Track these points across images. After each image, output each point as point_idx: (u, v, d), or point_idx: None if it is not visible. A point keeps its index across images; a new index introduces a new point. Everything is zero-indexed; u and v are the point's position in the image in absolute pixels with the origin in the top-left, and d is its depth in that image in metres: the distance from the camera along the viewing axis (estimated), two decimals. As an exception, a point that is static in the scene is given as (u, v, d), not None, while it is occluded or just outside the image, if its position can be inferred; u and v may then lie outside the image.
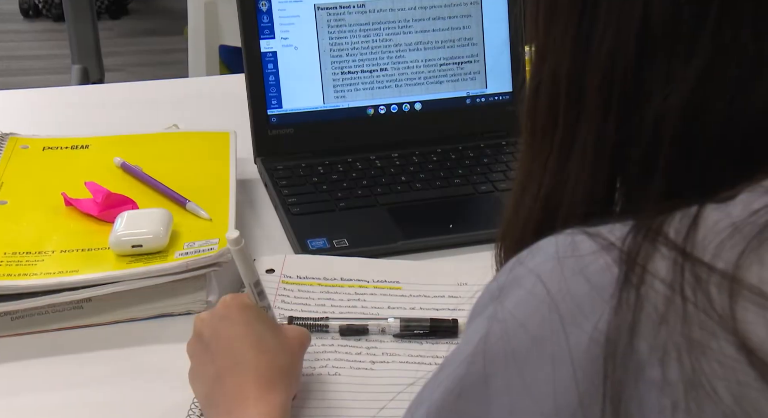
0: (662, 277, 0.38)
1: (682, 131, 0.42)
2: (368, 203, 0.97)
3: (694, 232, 0.39)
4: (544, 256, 0.41)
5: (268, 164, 1.03)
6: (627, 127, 0.44)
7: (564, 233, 0.41)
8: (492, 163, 1.05)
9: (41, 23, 3.77)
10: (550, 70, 0.46)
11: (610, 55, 0.43)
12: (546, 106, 0.47)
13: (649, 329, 0.37)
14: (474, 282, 0.86)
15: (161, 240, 0.81)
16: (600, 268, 0.39)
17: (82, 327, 0.79)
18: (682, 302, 0.37)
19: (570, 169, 0.46)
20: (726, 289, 0.37)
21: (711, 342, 0.36)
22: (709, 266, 0.37)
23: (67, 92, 1.36)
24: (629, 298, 0.37)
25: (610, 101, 0.44)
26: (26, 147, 1.00)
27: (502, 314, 0.41)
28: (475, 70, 1.09)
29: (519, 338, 0.39)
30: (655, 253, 0.38)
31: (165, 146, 1.02)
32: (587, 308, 0.38)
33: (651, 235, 0.39)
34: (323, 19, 1.04)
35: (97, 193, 0.88)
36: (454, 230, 0.93)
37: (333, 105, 1.06)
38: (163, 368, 0.76)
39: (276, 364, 0.66)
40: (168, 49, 3.46)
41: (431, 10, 1.06)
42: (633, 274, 0.38)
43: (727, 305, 0.36)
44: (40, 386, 0.74)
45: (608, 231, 0.40)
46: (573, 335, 0.38)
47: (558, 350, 0.38)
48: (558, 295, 0.39)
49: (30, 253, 0.81)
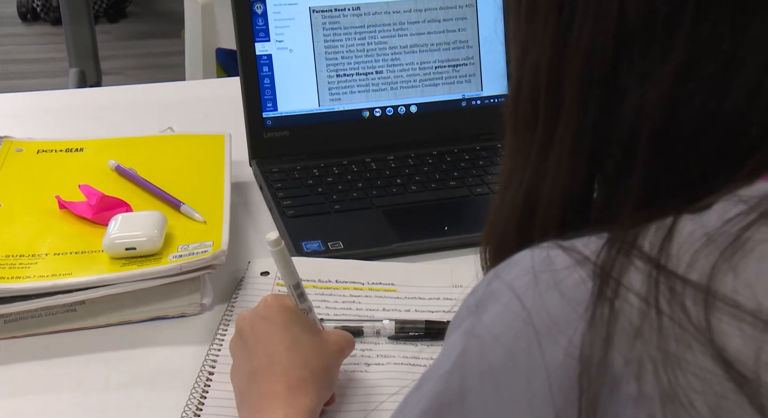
0: (637, 290, 0.38)
1: (659, 129, 0.42)
2: (363, 206, 0.97)
3: (668, 243, 0.39)
4: (520, 270, 0.41)
5: (264, 167, 1.02)
6: (605, 124, 0.44)
7: (540, 247, 0.41)
8: (487, 165, 1.05)
9: (39, 27, 3.77)
10: (531, 63, 0.46)
11: (588, 49, 0.43)
12: (527, 100, 0.47)
13: (624, 343, 0.37)
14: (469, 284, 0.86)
15: (155, 243, 0.81)
16: (574, 282, 0.39)
17: (75, 330, 0.79)
18: (657, 315, 0.37)
19: (549, 165, 0.46)
20: (701, 301, 0.37)
21: (687, 355, 0.36)
22: (683, 279, 0.37)
23: (63, 95, 1.36)
24: (603, 312, 0.37)
25: (588, 96, 0.44)
26: (21, 150, 1.00)
27: (479, 329, 0.41)
28: (470, 73, 1.09)
29: (495, 353, 0.39)
30: (629, 266, 0.38)
31: (160, 149, 1.02)
32: (562, 322, 0.38)
33: (625, 248, 0.39)
34: (318, 22, 1.04)
35: (91, 196, 0.88)
36: (449, 232, 0.93)
37: (328, 108, 1.06)
38: (156, 371, 0.75)
39: (309, 366, 0.65)
40: (166, 53, 3.46)
41: (426, 13, 1.06)
42: (607, 287, 0.38)
43: (702, 316, 0.36)
44: (34, 389, 0.74)
45: (583, 245, 0.40)
46: (548, 350, 0.38)
47: (533, 365, 0.38)
48: (533, 310, 0.39)
49: (23, 255, 0.81)
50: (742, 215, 0.39)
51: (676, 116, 0.42)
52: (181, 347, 0.78)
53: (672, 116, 0.42)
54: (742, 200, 0.40)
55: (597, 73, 0.43)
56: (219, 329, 0.79)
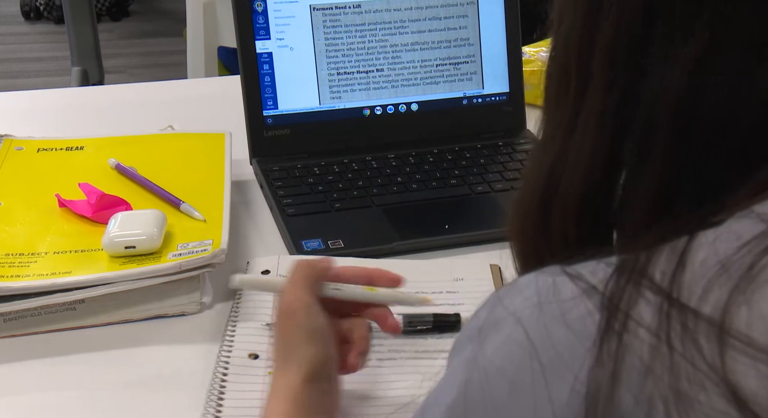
0: (647, 324, 0.36)
1: (678, 118, 0.40)
2: (364, 204, 0.97)
3: (681, 273, 0.37)
4: (524, 298, 0.39)
5: (264, 165, 1.02)
6: (628, 106, 0.42)
7: (545, 272, 0.40)
8: (488, 163, 1.04)
9: (42, 25, 3.77)
10: (564, 34, 0.45)
11: (615, 25, 0.42)
12: (558, 71, 0.45)
13: (633, 381, 0.35)
14: (471, 277, 0.86)
15: (155, 241, 0.81)
16: (581, 314, 0.37)
17: (75, 328, 0.79)
18: (669, 352, 0.35)
19: (574, 142, 0.44)
20: (714, 337, 0.35)
21: (700, 395, 0.34)
22: (695, 312, 0.36)
23: (64, 94, 1.36)
24: (611, 347, 0.36)
25: (614, 75, 0.42)
26: (21, 148, 1.00)
27: (482, 359, 0.39)
28: (471, 71, 1.09)
29: (499, 386, 0.38)
30: (639, 298, 0.37)
31: (160, 148, 1.01)
32: (568, 356, 0.37)
33: (635, 278, 0.37)
34: (319, 20, 1.04)
35: (91, 194, 0.88)
36: (450, 231, 0.93)
37: (329, 106, 1.05)
38: (156, 370, 0.75)
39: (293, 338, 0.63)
40: (168, 51, 3.46)
41: (427, 11, 1.06)
42: (615, 321, 0.36)
43: (716, 354, 0.35)
44: (33, 388, 0.74)
45: (590, 272, 0.39)
46: (554, 385, 0.37)
47: (539, 400, 0.37)
48: (538, 342, 0.37)
49: (23, 254, 0.81)
50: (758, 239, 0.37)
51: (696, 105, 0.40)
52: (181, 345, 0.78)
53: (692, 105, 0.40)
54: (759, 218, 0.38)
55: (623, 51, 0.42)
56: (227, 330, 0.78)
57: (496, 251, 0.89)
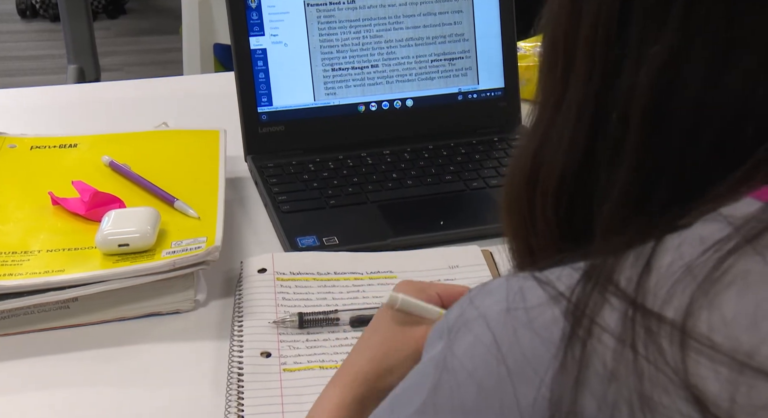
0: (612, 330, 0.36)
1: (650, 113, 0.40)
2: (359, 200, 0.96)
3: (646, 278, 0.37)
4: (493, 301, 0.40)
5: (259, 162, 1.02)
6: (605, 96, 0.42)
7: (515, 277, 0.40)
8: (483, 159, 1.04)
9: (38, 23, 3.76)
10: (553, 17, 0.45)
11: (593, 20, 0.42)
12: (547, 52, 0.45)
13: (597, 386, 0.36)
14: (465, 263, 0.86)
15: (148, 239, 0.81)
16: (548, 321, 0.37)
17: (68, 327, 0.78)
18: (633, 356, 0.35)
19: (555, 130, 0.44)
20: (677, 341, 0.35)
21: (663, 398, 0.35)
22: (658, 316, 0.36)
23: (58, 91, 1.36)
24: (575, 353, 0.36)
25: (593, 64, 0.42)
26: (14, 146, 0.99)
27: (451, 361, 0.40)
28: (466, 66, 1.08)
29: (467, 390, 0.38)
30: (604, 304, 0.37)
31: (154, 145, 1.01)
32: (535, 362, 0.37)
33: (601, 284, 0.37)
34: (313, 16, 1.03)
35: (85, 192, 0.87)
36: (444, 227, 0.93)
37: (323, 102, 1.05)
38: (151, 367, 0.75)
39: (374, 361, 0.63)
40: (165, 49, 3.46)
41: (422, 6, 1.06)
42: (580, 327, 0.36)
43: (678, 358, 0.35)
44: (27, 386, 0.73)
45: (557, 278, 0.39)
46: (521, 389, 0.37)
47: (506, 405, 0.37)
48: (506, 347, 0.38)
49: (16, 252, 0.80)
50: (723, 241, 0.37)
51: (665, 105, 0.40)
52: (175, 343, 0.77)
53: (662, 104, 0.40)
54: (726, 221, 0.38)
55: (602, 38, 0.42)
56: (234, 329, 0.78)
57: (492, 246, 0.88)
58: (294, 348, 0.75)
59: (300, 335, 0.77)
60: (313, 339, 0.77)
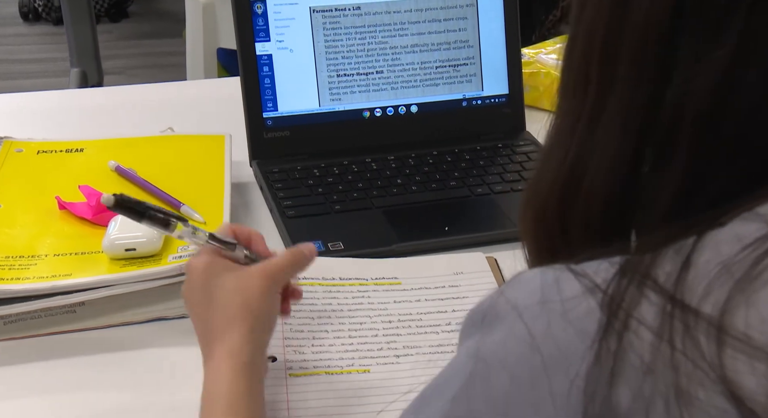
0: (649, 324, 0.36)
1: (705, 118, 0.40)
2: (364, 206, 0.97)
3: (685, 274, 0.37)
4: (527, 292, 0.40)
5: (264, 167, 1.02)
6: (656, 104, 0.41)
7: (550, 269, 0.40)
8: (488, 165, 1.05)
9: (41, 27, 3.77)
10: (586, 26, 0.44)
11: (644, 23, 0.41)
12: (579, 62, 0.45)
13: (633, 378, 0.36)
14: (469, 270, 0.86)
15: (155, 244, 0.81)
16: (583, 312, 0.38)
17: (75, 331, 0.79)
18: (670, 351, 0.36)
19: (597, 138, 0.44)
20: (713, 336, 0.36)
21: (699, 392, 0.35)
22: (696, 312, 0.36)
23: (64, 95, 1.36)
24: (610, 345, 0.36)
25: (641, 74, 0.42)
26: (21, 150, 1.00)
27: (485, 351, 0.40)
28: (471, 73, 1.09)
29: (501, 381, 0.39)
30: (641, 298, 0.37)
31: (160, 150, 1.01)
32: (570, 352, 0.37)
33: (638, 279, 0.38)
34: (318, 22, 1.04)
35: (91, 196, 0.88)
36: (449, 233, 0.93)
37: (329, 108, 1.05)
38: (157, 372, 0.75)
39: (228, 312, 0.65)
40: (167, 53, 3.46)
41: (427, 13, 1.06)
42: (616, 320, 0.37)
43: (715, 353, 0.35)
44: (34, 390, 0.74)
45: (594, 271, 0.39)
46: (555, 379, 0.37)
47: (540, 394, 0.37)
48: (540, 337, 0.38)
49: (23, 257, 0.81)
50: (760, 240, 0.37)
51: (722, 110, 0.40)
52: (182, 348, 0.78)
53: (718, 109, 0.40)
54: (763, 220, 0.38)
55: (652, 49, 0.41)
56: None
57: (497, 252, 0.89)
58: (300, 353, 0.76)
59: (306, 339, 0.77)
60: (319, 344, 0.77)
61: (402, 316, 0.80)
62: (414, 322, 0.80)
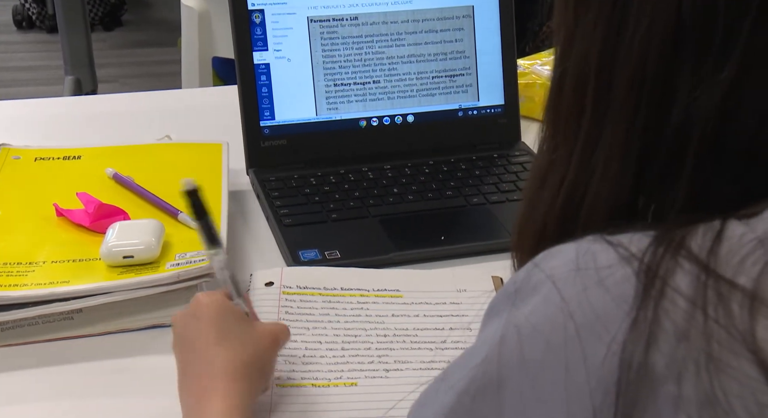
0: (684, 292, 0.37)
1: (710, 137, 0.41)
2: (360, 215, 0.97)
3: (718, 246, 0.38)
4: (562, 262, 0.40)
5: (261, 175, 1.03)
6: (656, 128, 0.42)
7: (585, 240, 0.41)
8: (484, 175, 1.05)
9: (35, 35, 3.77)
10: (578, 56, 0.44)
11: (642, 48, 0.41)
12: (572, 95, 0.45)
13: (666, 345, 0.37)
14: (473, 288, 0.86)
15: (153, 251, 0.81)
16: (619, 279, 0.38)
17: (72, 338, 0.79)
18: (704, 319, 0.36)
19: (595, 165, 0.44)
20: (747, 306, 0.36)
21: (731, 360, 0.36)
22: (730, 283, 0.37)
23: (59, 103, 1.37)
24: (647, 312, 0.37)
25: (640, 99, 0.42)
26: (18, 158, 1.00)
27: (517, 319, 0.40)
28: (467, 83, 1.09)
29: (534, 344, 0.39)
30: (676, 267, 0.38)
31: (157, 157, 1.02)
32: (606, 319, 0.38)
33: (673, 248, 0.38)
34: (316, 32, 1.04)
35: (89, 203, 0.88)
36: (446, 242, 0.94)
37: (326, 117, 1.06)
38: (154, 379, 0.75)
39: (239, 357, 0.65)
40: (162, 61, 3.47)
41: (424, 23, 1.07)
42: (652, 287, 0.37)
43: (747, 323, 0.36)
44: (31, 397, 0.74)
45: (629, 241, 0.40)
46: (589, 345, 0.38)
47: (572, 359, 0.38)
48: (574, 303, 0.38)
49: (21, 263, 0.81)
50: None
51: (728, 126, 0.40)
52: (179, 355, 0.78)
53: (724, 125, 0.40)
54: None
55: (650, 74, 0.41)
56: None
57: (493, 262, 0.89)
58: (290, 363, 0.76)
59: (298, 350, 0.77)
60: (310, 355, 0.77)
61: (398, 330, 0.80)
62: (409, 337, 0.80)
